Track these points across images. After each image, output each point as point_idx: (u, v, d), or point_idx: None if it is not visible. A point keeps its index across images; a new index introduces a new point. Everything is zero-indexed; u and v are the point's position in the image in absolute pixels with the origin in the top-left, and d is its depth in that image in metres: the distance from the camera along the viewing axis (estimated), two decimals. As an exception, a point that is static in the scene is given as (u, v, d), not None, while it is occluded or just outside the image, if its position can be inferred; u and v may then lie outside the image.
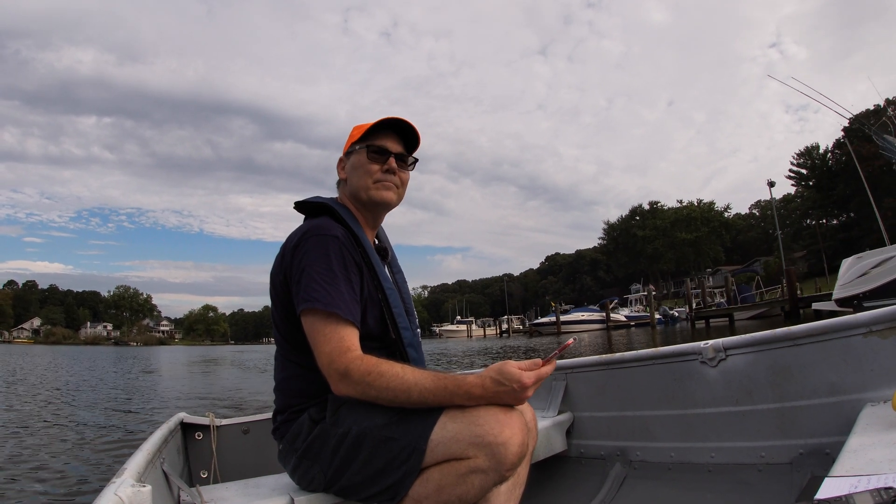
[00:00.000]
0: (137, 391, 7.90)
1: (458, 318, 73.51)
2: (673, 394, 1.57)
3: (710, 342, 1.50)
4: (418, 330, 1.30)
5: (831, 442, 1.26)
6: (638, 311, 37.54)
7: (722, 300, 31.43)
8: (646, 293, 34.36)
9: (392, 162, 1.24)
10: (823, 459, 1.27)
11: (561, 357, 1.21)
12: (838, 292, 14.26)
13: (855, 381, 1.26)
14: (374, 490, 1.04)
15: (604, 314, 38.18)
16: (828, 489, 0.75)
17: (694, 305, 29.19)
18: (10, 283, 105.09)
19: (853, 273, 13.92)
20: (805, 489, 1.17)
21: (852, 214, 48.21)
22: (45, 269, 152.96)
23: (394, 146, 1.25)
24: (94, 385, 8.93)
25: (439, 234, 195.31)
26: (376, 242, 1.33)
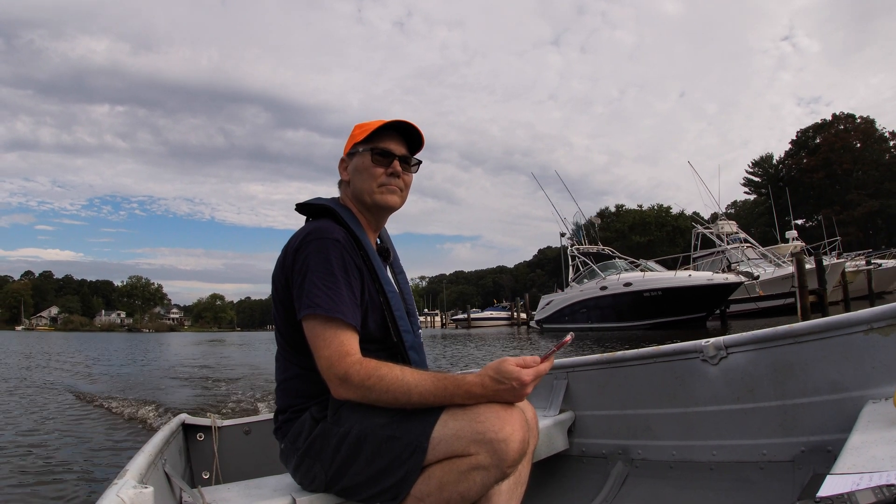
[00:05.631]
0: (148, 382, 7.93)
1: (426, 310, 79.45)
2: (674, 392, 1.56)
3: (712, 340, 1.50)
4: (420, 331, 1.29)
5: (833, 439, 1.25)
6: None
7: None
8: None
9: (396, 165, 1.23)
10: (825, 457, 1.27)
11: (559, 355, 1.20)
12: (536, 317, 24.20)
13: (856, 378, 1.25)
14: (376, 489, 1.04)
15: (510, 312, 43.10)
16: (830, 487, 0.75)
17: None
18: (27, 273, 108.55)
19: (541, 305, 23.52)
20: (807, 487, 1.17)
21: (798, 222, 51.78)
22: (57, 257, 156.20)
23: (398, 148, 1.24)
24: (102, 377, 8.88)
25: (449, 223, 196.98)
26: (378, 243, 1.33)
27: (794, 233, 27.23)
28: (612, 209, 64.39)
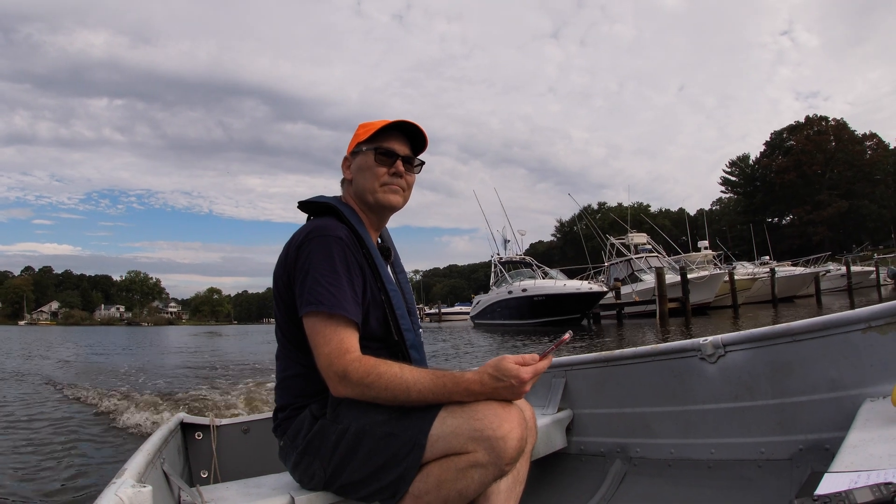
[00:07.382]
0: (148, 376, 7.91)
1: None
2: (672, 390, 1.56)
3: (710, 338, 1.49)
4: (421, 330, 1.29)
5: (831, 437, 1.26)
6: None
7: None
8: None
9: (399, 165, 1.23)
10: (823, 455, 1.27)
11: (558, 353, 1.20)
12: (470, 313, 28.07)
13: (854, 376, 1.25)
14: (375, 486, 1.04)
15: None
16: (828, 485, 0.75)
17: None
18: (27, 268, 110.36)
19: (473, 304, 27.83)
20: (805, 485, 1.16)
21: (772, 220, 54.63)
22: (54, 251, 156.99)
23: (401, 148, 1.24)
24: (101, 374, 8.79)
25: (448, 216, 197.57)
26: (379, 242, 1.33)
27: (705, 242, 31.44)
28: (595, 206, 67.06)
